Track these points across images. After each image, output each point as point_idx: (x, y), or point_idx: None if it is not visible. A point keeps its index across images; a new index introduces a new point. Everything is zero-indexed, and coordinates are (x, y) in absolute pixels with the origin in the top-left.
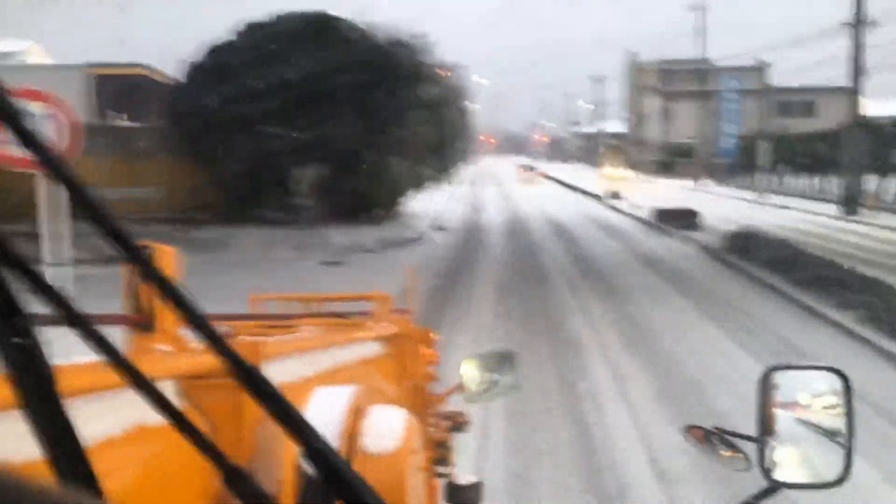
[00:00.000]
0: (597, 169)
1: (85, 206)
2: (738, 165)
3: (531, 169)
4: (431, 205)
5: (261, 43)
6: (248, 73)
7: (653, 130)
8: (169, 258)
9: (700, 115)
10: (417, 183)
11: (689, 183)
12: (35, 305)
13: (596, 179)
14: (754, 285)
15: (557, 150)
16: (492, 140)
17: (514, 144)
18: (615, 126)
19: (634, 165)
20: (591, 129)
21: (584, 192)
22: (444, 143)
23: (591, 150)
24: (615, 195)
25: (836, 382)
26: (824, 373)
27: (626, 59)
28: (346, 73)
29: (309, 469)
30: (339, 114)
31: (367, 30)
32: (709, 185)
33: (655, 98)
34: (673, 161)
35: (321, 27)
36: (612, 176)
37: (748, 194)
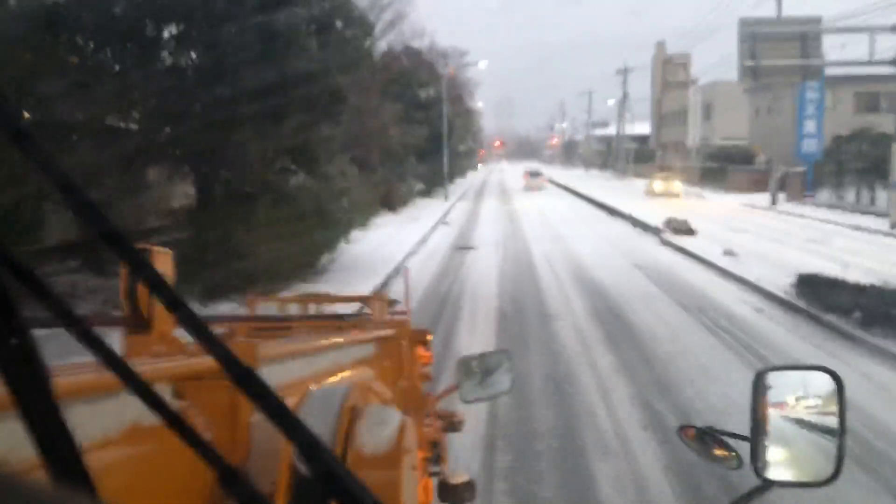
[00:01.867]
0: (622, 177)
1: (79, 208)
2: (826, 174)
3: (538, 175)
4: (401, 238)
5: None
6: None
7: (683, 131)
8: (165, 260)
9: (761, 109)
10: (393, 200)
11: (755, 198)
12: (30, 306)
13: (626, 192)
14: None
15: (572, 154)
16: (502, 144)
17: (527, 149)
18: (635, 128)
19: (660, 171)
20: (609, 131)
21: (626, 217)
22: (436, 148)
23: (609, 153)
24: (683, 228)
25: (829, 382)
26: (817, 373)
27: (652, 53)
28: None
29: (304, 469)
30: (207, 83)
31: None
32: (782, 201)
33: (695, 92)
34: (723, 168)
35: None
36: (663, 191)
37: (864, 219)
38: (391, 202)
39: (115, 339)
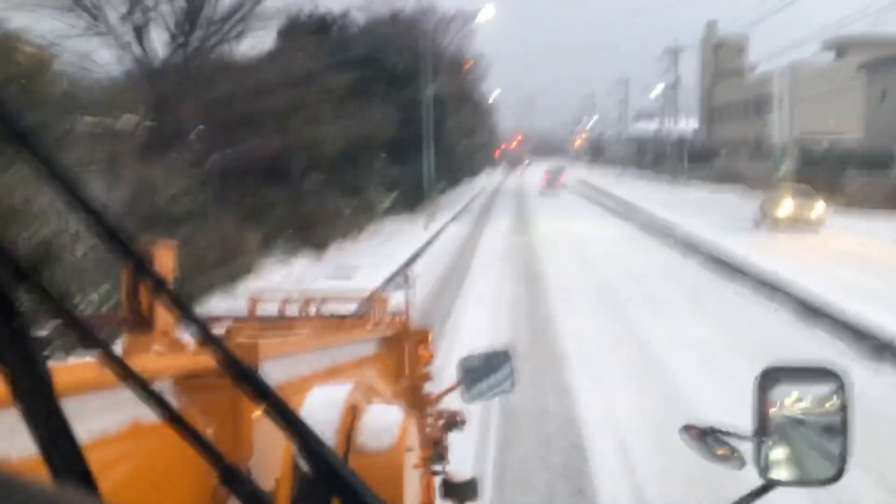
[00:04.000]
0: (672, 183)
1: (81, 205)
2: None
3: (557, 175)
4: None
5: None
6: None
7: (743, 126)
8: (168, 258)
9: (893, 91)
10: (322, 232)
11: None
12: (32, 305)
13: (701, 209)
14: None
15: (601, 153)
16: (521, 140)
17: (549, 147)
18: (677, 123)
19: (722, 177)
20: (646, 127)
21: (780, 291)
22: (413, 146)
23: (641, 152)
24: None
25: (832, 381)
26: (820, 372)
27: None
28: None
29: (306, 467)
30: None
31: None
32: None
33: (781, 74)
34: (831, 174)
35: None
36: (794, 218)
37: None
38: (319, 235)
39: (117, 339)
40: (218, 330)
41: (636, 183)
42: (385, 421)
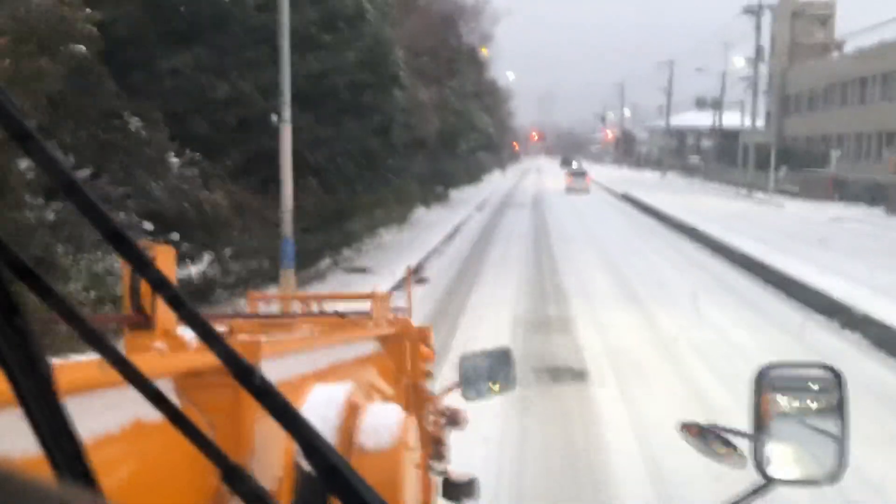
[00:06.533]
0: (750, 195)
1: (83, 207)
2: None
3: (582, 174)
4: None
5: None
6: None
7: (836, 117)
8: (168, 258)
9: None
10: None
11: None
12: (33, 303)
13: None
14: None
15: (631, 150)
16: (541, 136)
17: (570, 143)
18: (718, 117)
19: (832, 190)
20: (686, 121)
21: None
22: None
23: (683, 151)
24: None
25: (830, 379)
26: (818, 370)
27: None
28: None
29: (306, 466)
30: None
31: None
32: None
33: None
34: None
35: None
36: None
37: None
38: None
39: (118, 337)
40: (219, 328)
41: (705, 195)
42: (385, 420)
